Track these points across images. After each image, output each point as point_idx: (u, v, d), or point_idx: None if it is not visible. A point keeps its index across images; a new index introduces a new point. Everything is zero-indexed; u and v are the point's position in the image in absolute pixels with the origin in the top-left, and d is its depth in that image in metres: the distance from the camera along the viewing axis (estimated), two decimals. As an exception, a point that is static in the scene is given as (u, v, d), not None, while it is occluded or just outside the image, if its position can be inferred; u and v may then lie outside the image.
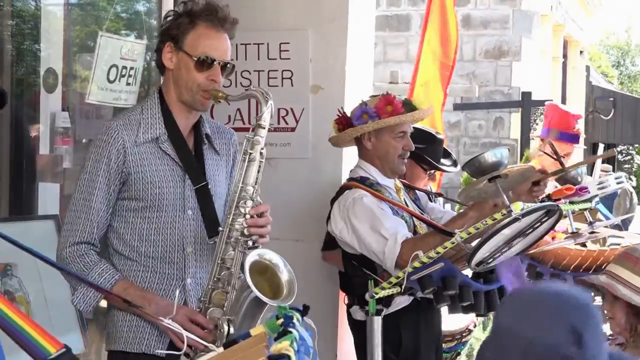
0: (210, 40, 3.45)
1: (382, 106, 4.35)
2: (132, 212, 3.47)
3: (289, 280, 3.27)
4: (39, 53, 4.80)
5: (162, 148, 3.47)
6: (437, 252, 3.80)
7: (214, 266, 3.36)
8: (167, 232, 3.48)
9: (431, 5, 6.48)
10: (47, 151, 4.90)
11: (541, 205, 3.79)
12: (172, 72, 3.51)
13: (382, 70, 14.97)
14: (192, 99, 3.47)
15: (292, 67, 5.33)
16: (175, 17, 3.52)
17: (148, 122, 3.49)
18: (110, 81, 4.30)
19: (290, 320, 2.30)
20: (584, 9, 23.20)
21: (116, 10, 5.32)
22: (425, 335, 4.47)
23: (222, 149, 3.68)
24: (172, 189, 3.47)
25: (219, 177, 3.62)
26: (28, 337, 1.99)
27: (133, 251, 3.48)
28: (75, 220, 3.41)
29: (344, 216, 4.29)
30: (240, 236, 3.33)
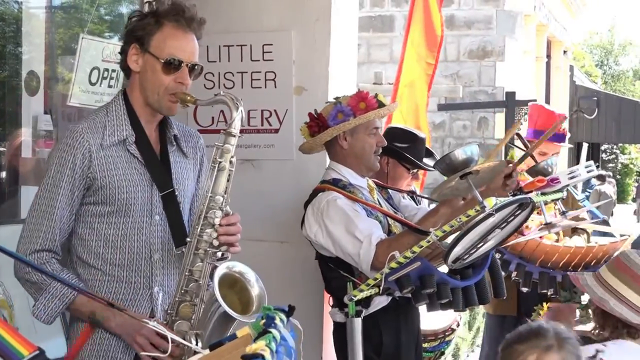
0: (177, 42, 3.40)
1: (355, 104, 4.37)
2: (97, 217, 3.41)
3: (259, 295, 3.20)
4: (20, 56, 4.80)
5: (130, 150, 3.41)
6: (413, 252, 3.80)
7: (181, 278, 3.31)
8: (134, 238, 3.43)
9: (414, 6, 6.50)
10: (30, 154, 4.89)
11: (514, 199, 3.80)
12: (138, 75, 3.45)
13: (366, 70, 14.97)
14: (159, 102, 3.42)
15: (276, 68, 5.33)
16: (140, 18, 3.47)
17: (114, 124, 3.42)
18: (92, 83, 4.30)
19: (272, 321, 2.29)
20: (567, 9, 23.29)
21: (99, 13, 5.32)
22: (405, 333, 4.50)
23: (189, 152, 3.64)
24: (140, 193, 3.43)
25: (187, 180, 3.59)
26: (1, 340, 1.98)
27: (98, 259, 3.41)
28: (37, 227, 3.33)
29: (318, 219, 4.30)
30: (209, 247, 3.28)
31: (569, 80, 25.32)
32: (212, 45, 5.17)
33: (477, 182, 3.91)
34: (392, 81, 8.27)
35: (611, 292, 3.50)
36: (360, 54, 13.75)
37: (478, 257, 4.05)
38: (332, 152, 4.52)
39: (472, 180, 3.86)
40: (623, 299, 3.47)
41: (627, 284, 3.50)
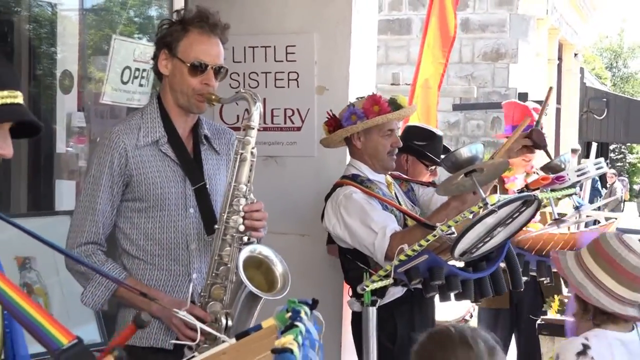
0: (203, 46, 3.47)
1: (369, 106, 4.39)
2: (136, 212, 3.51)
3: (282, 273, 3.28)
4: (55, 56, 4.82)
5: (163, 150, 3.50)
6: (421, 245, 3.81)
7: (211, 262, 3.38)
8: (171, 230, 3.51)
9: (431, 9, 6.49)
10: (64, 150, 4.92)
11: (516, 197, 3.83)
12: (168, 78, 3.54)
13: (384, 72, 14.97)
14: (188, 102, 3.50)
15: (298, 69, 5.33)
16: (168, 25, 3.55)
17: (148, 126, 3.51)
18: (124, 82, 4.31)
19: (298, 314, 2.30)
20: (578, 13, 23.17)
21: (129, 15, 5.34)
22: (420, 324, 4.46)
23: (222, 149, 3.70)
24: (174, 189, 3.50)
25: (219, 175, 3.64)
26: (41, 328, 1.99)
27: (140, 250, 3.51)
28: (82, 222, 3.45)
29: (336, 212, 4.33)
30: (235, 233, 3.34)
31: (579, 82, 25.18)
32: (238, 46, 5.17)
33: (481, 179, 3.91)
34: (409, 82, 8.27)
35: (590, 278, 3.40)
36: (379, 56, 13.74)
37: (486, 251, 4.05)
38: (351, 150, 4.58)
39: (476, 178, 3.86)
40: (601, 284, 3.38)
41: (604, 269, 3.39)
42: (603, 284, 3.36)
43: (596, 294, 3.35)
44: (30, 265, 3.95)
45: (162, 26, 3.61)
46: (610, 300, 3.34)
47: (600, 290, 3.36)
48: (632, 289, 3.35)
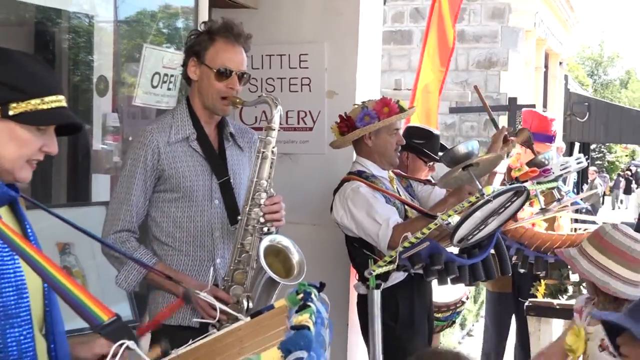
0: (228, 54, 3.47)
1: (380, 108, 4.39)
2: (167, 202, 3.51)
3: (299, 261, 3.29)
4: (91, 63, 4.82)
5: (192, 146, 3.51)
6: (423, 233, 3.84)
7: (234, 250, 3.38)
8: (197, 219, 3.51)
9: (430, 22, 6.48)
10: (99, 147, 4.92)
11: (509, 187, 3.83)
12: (196, 83, 3.54)
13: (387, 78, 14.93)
14: (214, 105, 3.50)
15: (310, 75, 5.33)
16: (197, 35, 3.55)
17: (178, 124, 3.52)
18: (154, 86, 4.31)
19: (309, 296, 2.30)
20: (563, 26, 23.09)
21: (158, 26, 5.34)
22: (419, 304, 4.51)
23: (245, 147, 3.70)
24: (202, 182, 3.50)
25: (242, 170, 3.64)
26: (85, 306, 1.99)
27: (169, 237, 3.52)
28: (117, 212, 3.45)
29: (344, 205, 4.33)
30: (257, 224, 3.35)
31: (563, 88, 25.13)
32: (256, 54, 5.17)
33: (477, 173, 3.92)
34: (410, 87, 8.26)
35: (609, 274, 3.39)
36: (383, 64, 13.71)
37: (481, 238, 4.06)
38: (358, 149, 4.55)
39: (472, 172, 3.87)
40: (620, 277, 3.38)
41: (618, 262, 3.40)
42: (621, 276, 3.36)
43: (618, 286, 3.35)
44: (69, 250, 3.96)
45: (191, 36, 3.61)
46: (631, 288, 3.35)
47: (620, 281, 3.36)
48: None
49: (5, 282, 2.07)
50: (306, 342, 1.83)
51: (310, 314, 2.05)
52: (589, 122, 24.97)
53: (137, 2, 5.12)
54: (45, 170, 4.65)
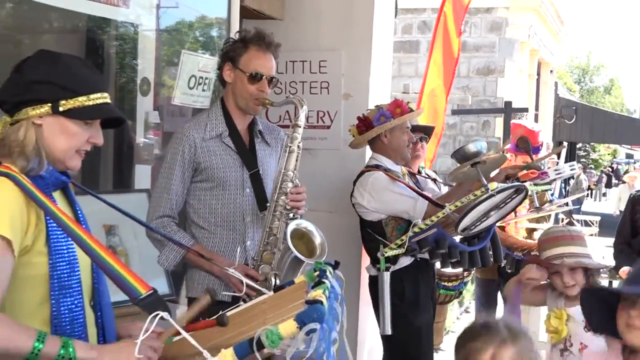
0: (260, 60, 3.48)
1: (393, 109, 4.41)
2: (203, 191, 3.51)
3: (321, 243, 3.31)
4: (136, 66, 4.82)
5: (225, 142, 3.51)
6: (432, 220, 3.88)
7: (263, 233, 3.41)
8: (230, 205, 3.51)
9: (436, 34, 6.46)
10: (142, 141, 4.93)
11: (511, 185, 3.81)
12: (230, 85, 3.54)
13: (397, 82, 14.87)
14: (246, 105, 3.51)
15: (329, 79, 5.33)
16: (232, 43, 3.55)
17: (213, 123, 3.52)
18: (190, 88, 4.31)
19: (324, 273, 2.31)
20: (554, 38, 22.92)
21: (195, 35, 5.35)
22: (423, 286, 4.48)
23: (272, 142, 3.70)
24: (234, 173, 3.50)
25: (269, 163, 3.63)
26: (125, 280, 2.00)
27: (205, 221, 3.52)
28: (159, 199, 3.47)
29: (369, 190, 4.31)
30: (284, 210, 3.37)
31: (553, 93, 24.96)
32: (281, 60, 5.09)
33: (483, 170, 3.91)
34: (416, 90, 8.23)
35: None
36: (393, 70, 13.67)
37: (481, 229, 4.04)
38: (374, 146, 4.54)
39: (480, 168, 3.86)
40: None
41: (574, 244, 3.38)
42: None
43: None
44: (114, 232, 3.97)
45: (226, 43, 3.62)
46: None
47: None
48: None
49: (60, 258, 2.08)
50: (319, 315, 1.83)
51: (324, 290, 2.05)
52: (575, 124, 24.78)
53: (176, 12, 5.13)
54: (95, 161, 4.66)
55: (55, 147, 2.13)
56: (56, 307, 2.07)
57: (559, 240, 3.42)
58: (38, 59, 2.17)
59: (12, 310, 2.01)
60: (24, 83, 2.11)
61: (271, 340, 1.79)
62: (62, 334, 2.03)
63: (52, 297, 2.06)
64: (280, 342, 1.80)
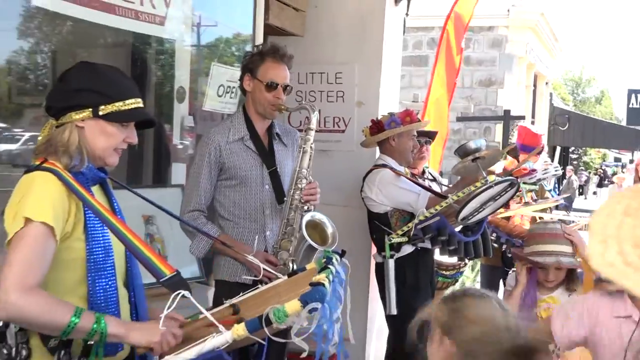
0: (275, 71, 3.48)
1: (403, 117, 4.42)
2: (228, 188, 3.52)
3: (332, 233, 3.31)
4: (174, 77, 4.85)
5: (246, 144, 3.51)
6: (435, 209, 3.91)
7: (281, 224, 3.42)
8: (252, 200, 3.52)
9: (439, 49, 6.44)
10: (178, 142, 4.95)
11: (507, 178, 3.85)
12: (250, 94, 3.55)
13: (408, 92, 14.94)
14: (264, 111, 3.51)
15: (344, 89, 5.33)
16: (251, 56, 3.56)
17: (236, 127, 3.53)
18: (219, 96, 4.33)
19: (330, 260, 2.30)
20: (549, 53, 22.73)
21: (224, 49, 5.37)
22: (423, 272, 4.49)
23: (289, 143, 3.70)
24: (254, 172, 3.51)
25: (286, 162, 3.63)
26: (152, 262, 2.02)
27: (230, 214, 3.53)
28: (189, 196, 3.50)
29: (377, 184, 4.33)
30: (299, 203, 3.38)
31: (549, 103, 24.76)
32: (302, 72, 5.19)
33: (483, 164, 3.94)
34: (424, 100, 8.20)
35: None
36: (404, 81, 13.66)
37: (477, 219, 4.05)
38: (383, 148, 4.55)
39: (479, 163, 3.88)
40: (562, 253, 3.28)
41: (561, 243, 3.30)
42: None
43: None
44: (152, 221, 3.99)
45: (245, 56, 3.64)
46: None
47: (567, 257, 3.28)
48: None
49: (95, 244, 2.11)
50: (321, 295, 1.83)
51: (328, 274, 2.05)
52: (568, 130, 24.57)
53: (209, 30, 5.15)
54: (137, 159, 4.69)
55: (96, 146, 2.16)
56: (92, 286, 2.09)
57: (548, 238, 3.37)
58: (80, 69, 2.19)
59: (55, 288, 2.04)
60: (68, 91, 2.13)
61: (278, 317, 1.80)
62: (98, 310, 2.06)
63: (88, 278, 2.09)
64: (286, 318, 1.81)
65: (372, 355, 5.49)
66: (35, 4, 2.80)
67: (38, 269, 1.92)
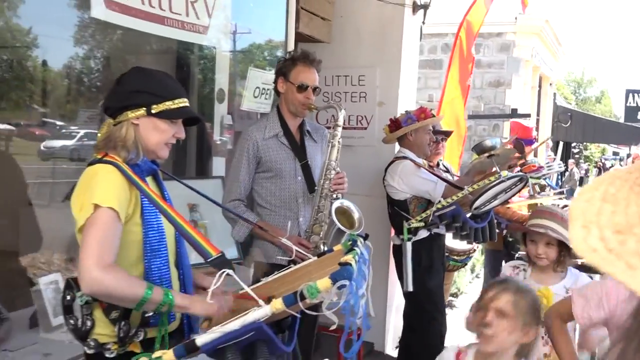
0: (305, 74, 3.50)
1: (419, 114, 4.42)
2: (265, 179, 3.54)
3: (359, 218, 3.32)
4: (214, 80, 4.89)
5: (281, 140, 3.54)
6: (452, 199, 3.92)
7: (313, 211, 3.44)
8: (286, 190, 3.54)
9: (453, 53, 6.41)
10: (218, 138, 5.00)
11: (517, 174, 3.82)
12: (283, 95, 3.57)
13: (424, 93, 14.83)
14: (296, 110, 3.53)
15: (366, 90, 5.33)
16: (284, 61, 3.58)
17: (271, 125, 3.55)
18: (255, 97, 4.35)
19: (355, 243, 2.32)
20: (553, 56, 22.45)
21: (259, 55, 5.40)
22: (436, 255, 4.50)
23: (318, 139, 3.71)
24: (288, 165, 3.53)
25: (316, 156, 3.65)
26: (200, 244, 2.05)
27: (267, 203, 3.55)
28: (231, 187, 3.52)
29: (399, 174, 4.34)
30: (328, 192, 3.40)
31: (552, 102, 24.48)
32: (328, 75, 5.20)
33: (497, 160, 3.95)
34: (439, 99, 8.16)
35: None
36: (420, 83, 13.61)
37: (488, 209, 4.04)
38: (402, 143, 4.55)
39: (494, 159, 3.89)
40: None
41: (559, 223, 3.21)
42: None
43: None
44: (196, 209, 4.03)
45: (279, 62, 3.66)
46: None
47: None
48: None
49: (150, 228, 2.14)
50: (348, 274, 1.85)
51: (354, 255, 2.07)
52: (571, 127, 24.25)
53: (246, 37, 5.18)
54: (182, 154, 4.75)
55: (150, 141, 2.19)
56: (148, 266, 2.13)
57: (547, 215, 3.31)
58: (134, 74, 2.22)
59: None
60: (125, 92, 2.17)
61: (311, 292, 1.83)
62: None
63: (145, 259, 2.12)
64: (318, 294, 1.84)
65: (392, 327, 5.52)
66: (96, 15, 2.82)
67: (111, 248, 1.96)
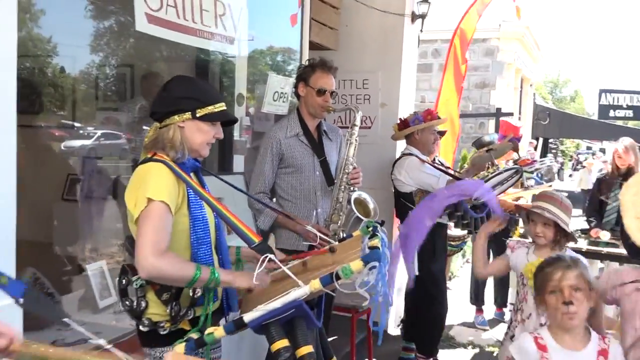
0: (324, 79, 3.55)
1: (425, 115, 4.47)
2: (287, 174, 3.60)
3: (374, 207, 3.39)
4: (233, 84, 4.91)
5: (300, 139, 3.59)
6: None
7: (332, 202, 3.49)
8: (306, 184, 3.59)
9: (448, 58, 6.48)
10: (238, 138, 5.04)
11: (514, 167, 3.89)
12: (303, 98, 3.62)
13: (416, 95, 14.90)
14: (315, 112, 3.59)
15: (370, 93, 5.41)
16: (304, 68, 3.64)
17: (292, 125, 3.60)
18: (274, 100, 4.38)
19: (376, 229, 2.40)
20: (533, 60, 22.51)
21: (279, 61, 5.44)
22: (438, 241, 4.56)
23: (333, 138, 3.77)
24: (307, 161, 3.58)
25: (332, 153, 3.70)
26: (243, 232, 2.12)
27: (288, 195, 3.61)
28: (256, 181, 3.57)
29: (406, 168, 4.41)
30: (346, 185, 3.46)
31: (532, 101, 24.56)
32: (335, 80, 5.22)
33: (495, 154, 4.02)
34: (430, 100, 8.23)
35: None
36: (413, 85, 13.61)
37: (486, 200, 4.09)
38: (409, 141, 4.61)
39: (492, 153, 3.95)
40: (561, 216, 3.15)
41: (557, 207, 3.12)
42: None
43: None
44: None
45: (299, 68, 3.72)
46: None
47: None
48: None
49: (196, 219, 2.20)
50: (377, 256, 1.94)
51: (380, 239, 2.15)
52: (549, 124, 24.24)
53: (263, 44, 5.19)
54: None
55: (194, 142, 2.24)
56: (195, 252, 2.19)
57: (548, 199, 3.31)
58: (178, 81, 2.28)
59: None
60: (171, 98, 2.22)
61: (345, 273, 1.91)
62: None
63: (192, 246, 2.18)
64: (351, 274, 1.92)
65: (394, 308, 5.59)
66: (140, 29, 2.86)
67: (165, 236, 2.02)
